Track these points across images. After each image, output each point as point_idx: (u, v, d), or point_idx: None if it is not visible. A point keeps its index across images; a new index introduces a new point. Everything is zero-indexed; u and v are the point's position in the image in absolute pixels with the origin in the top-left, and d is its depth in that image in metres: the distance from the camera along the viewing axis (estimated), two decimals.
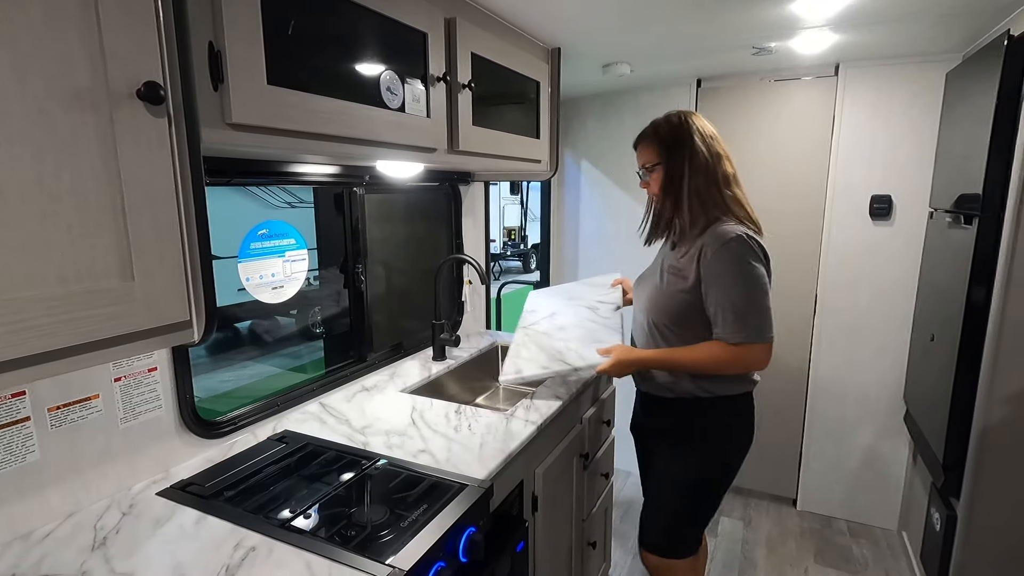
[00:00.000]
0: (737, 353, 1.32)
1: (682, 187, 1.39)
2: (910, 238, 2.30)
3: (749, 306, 1.31)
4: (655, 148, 1.44)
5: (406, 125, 1.25)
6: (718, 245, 1.31)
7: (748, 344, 1.32)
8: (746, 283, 1.31)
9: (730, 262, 1.30)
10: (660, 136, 1.43)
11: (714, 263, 1.32)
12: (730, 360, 1.34)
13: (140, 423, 1.14)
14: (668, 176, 1.41)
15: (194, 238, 0.81)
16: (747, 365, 1.36)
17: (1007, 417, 1.62)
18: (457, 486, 1.11)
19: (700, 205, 1.38)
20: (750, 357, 1.33)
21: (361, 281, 1.73)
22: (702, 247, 1.34)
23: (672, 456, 1.51)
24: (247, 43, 0.88)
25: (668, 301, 1.42)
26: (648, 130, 1.47)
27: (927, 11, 1.64)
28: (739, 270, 1.30)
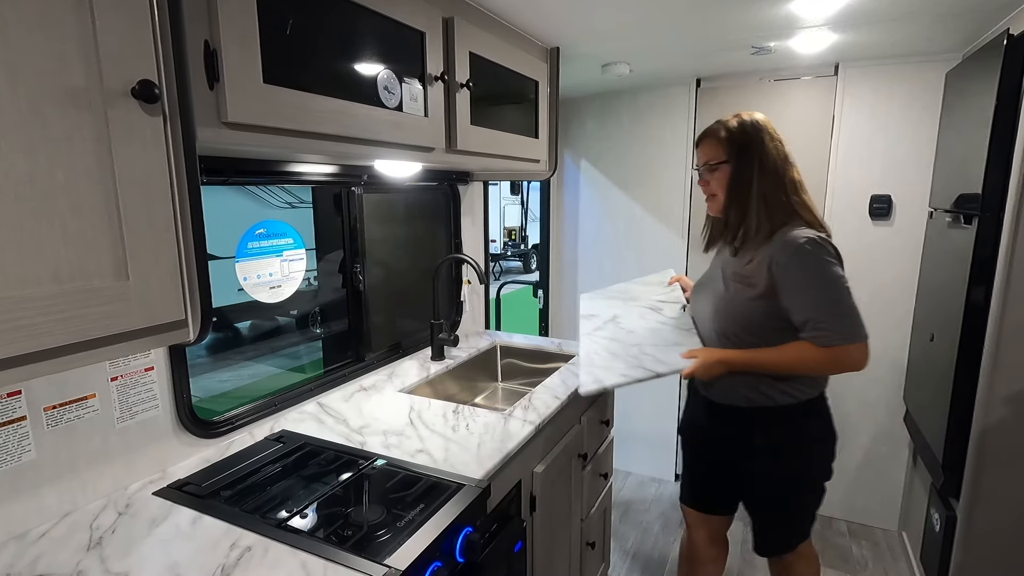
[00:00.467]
0: (835, 355, 1.27)
1: (750, 191, 1.34)
2: (909, 238, 2.30)
3: (839, 307, 1.27)
4: (721, 146, 1.38)
5: (404, 124, 1.25)
6: (791, 251, 1.27)
7: (846, 346, 1.26)
8: (830, 284, 1.27)
9: (809, 266, 1.26)
10: (730, 135, 1.37)
11: (792, 269, 1.27)
12: (826, 361, 1.28)
13: (137, 423, 1.14)
14: (735, 178, 1.36)
15: (190, 237, 0.80)
16: (846, 366, 1.29)
17: (1007, 418, 1.62)
18: (454, 486, 1.11)
19: (766, 210, 1.33)
20: (850, 358, 1.28)
21: (359, 281, 1.73)
22: (771, 254, 1.30)
23: (769, 470, 1.44)
24: (243, 42, 0.88)
25: (739, 309, 1.36)
26: (715, 127, 1.41)
27: (926, 10, 1.64)
28: (820, 272, 1.26)
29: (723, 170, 1.38)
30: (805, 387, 1.39)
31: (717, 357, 1.38)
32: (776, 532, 1.55)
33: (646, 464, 3.02)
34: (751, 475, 1.49)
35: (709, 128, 1.43)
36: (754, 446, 1.44)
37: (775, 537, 1.56)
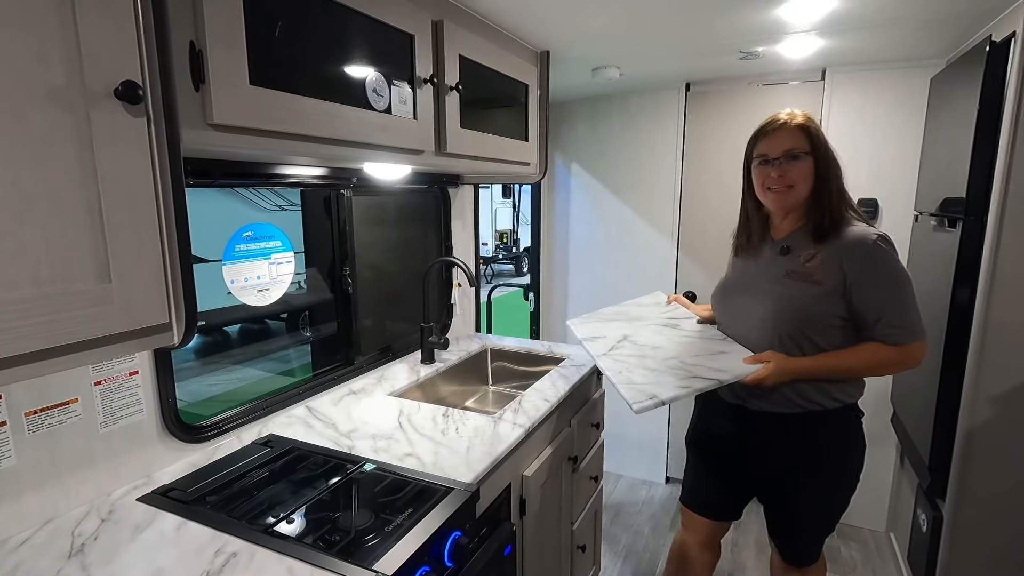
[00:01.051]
0: (905, 353, 1.28)
1: (831, 185, 1.33)
2: (896, 241, 2.28)
3: (912, 304, 1.27)
4: (805, 137, 1.33)
5: (392, 127, 1.25)
6: (867, 248, 1.26)
7: (916, 343, 1.28)
8: (904, 282, 1.27)
9: (887, 263, 1.26)
10: (812, 127, 1.35)
11: (869, 266, 1.26)
12: (897, 360, 1.29)
13: (121, 428, 1.12)
14: (820, 171, 1.33)
15: (174, 240, 0.80)
16: (910, 364, 1.30)
17: (991, 418, 1.64)
18: (443, 490, 1.10)
19: (843, 206, 1.34)
20: (915, 355, 1.29)
21: (348, 284, 1.72)
22: (841, 250, 1.28)
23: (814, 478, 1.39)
24: (229, 43, 0.87)
25: (803, 308, 1.31)
26: (791, 118, 1.36)
27: (910, 17, 1.66)
28: (895, 270, 1.27)
29: (807, 162, 1.33)
30: (854, 390, 1.38)
31: (792, 366, 1.31)
32: (813, 539, 1.52)
33: (637, 467, 3.02)
34: (791, 484, 1.41)
35: (781, 119, 1.36)
36: (796, 453, 1.38)
37: (811, 545, 1.52)
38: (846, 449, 1.39)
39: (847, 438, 1.39)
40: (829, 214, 1.32)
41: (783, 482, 1.44)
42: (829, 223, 1.32)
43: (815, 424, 1.36)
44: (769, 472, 1.45)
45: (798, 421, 1.36)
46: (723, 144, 2.61)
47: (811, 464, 1.39)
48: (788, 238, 1.40)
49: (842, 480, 1.42)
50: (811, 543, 1.53)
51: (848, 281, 1.27)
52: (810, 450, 1.38)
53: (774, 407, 1.37)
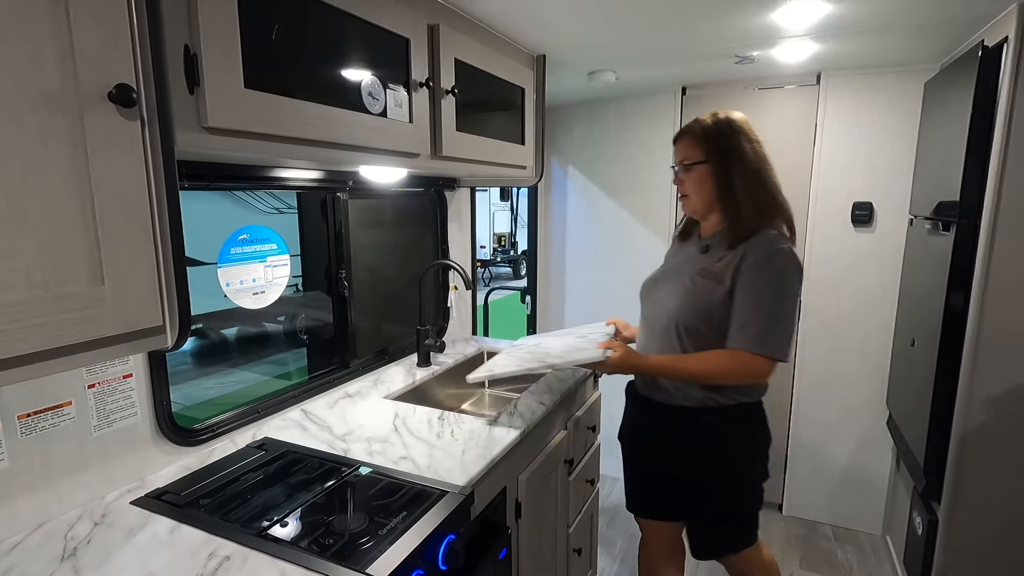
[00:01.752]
0: (747, 363, 1.29)
1: (734, 192, 1.34)
2: (891, 244, 2.33)
3: (778, 322, 1.28)
4: (698, 146, 1.37)
5: (388, 130, 1.25)
6: (764, 253, 1.28)
7: (763, 357, 1.28)
8: (783, 299, 1.28)
9: (772, 273, 1.28)
10: (707, 134, 1.37)
11: (756, 270, 1.28)
12: (736, 370, 1.31)
13: (115, 431, 1.12)
14: (716, 177, 1.36)
15: (168, 242, 0.80)
16: (752, 377, 1.33)
17: (986, 421, 1.64)
18: (437, 493, 1.10)
19: (755, 211, 1.33)
20: (758, 370, 1.30)
21: (344, 287, 1.72)
22: (745, 252, 1.30)
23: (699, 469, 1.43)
24: (224, 46, 0.87)
25: (704, 305, 1.35)
26: (693, 125, 1.41)
27: (904, 22, 1.67)
28: (779, 283, 1.28)
29: (699, 171, 1.38)
30: (752, 391, 1.41)
31: (633, 361, 1.40)
32: (713, 534, 1.54)
33: None
34: (692, 476, 1.47)
35: (687, 126, 1.43)
36: (696, 446, 1.43)
37: (711, 538, 1.55)
38: (741, 446, 1.42)
39: (742, 435, 1.42)
40: (740, 220, 1.33)
41: (682, 474, 1.48)
42: (740, 230, 1.33)
43: (711, 418, 1.39)
44: (669, 465, 1.49)
45: (695, 415, 1.40)
46: None
47: (706, 457, 1.42)
48: (711, 238, 1.42)
49: (735, 477, 1.44)
50: (712, 540, 1.55)
51: (737, 280, 1.30)
52: (704, 444, 1.41)
53: (673, 400, 1.42)
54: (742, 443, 1.43)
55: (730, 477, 1.44)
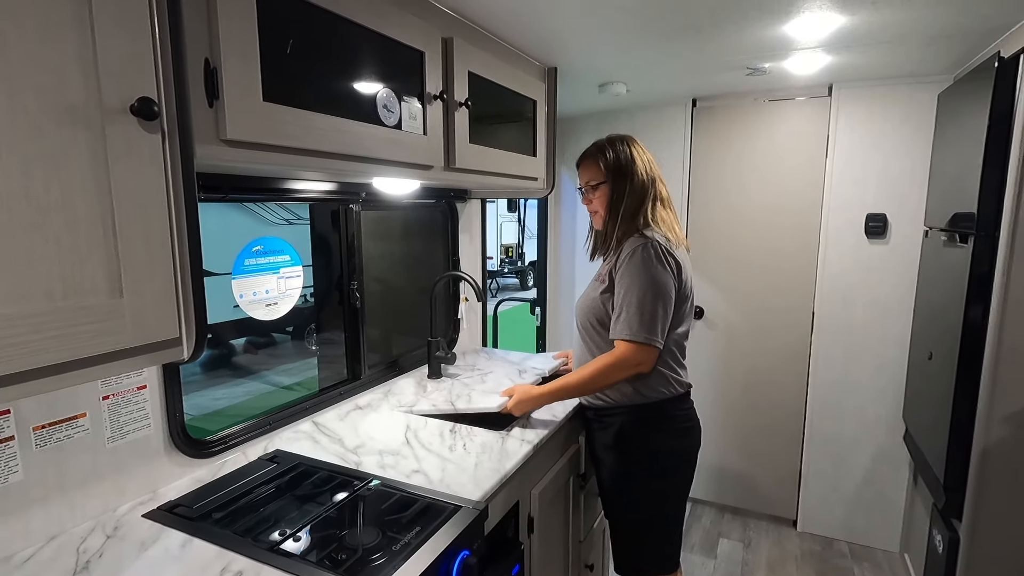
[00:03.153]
0: (621, 354, 1.39)
1: (620, 206, 1.49)
2: (905, 256, 2.31)
3: (642, 306, 1.38)
4: (600, 168, 1.52)
5: (402, 142, 1.25)
6: (628, 250, 1.42)
7: (633, 343, 1.38)
8: (644, 284, 1.39)
9: (635, 264, 1.40)
10: (607, 158, 1.51)
11: (623, 266, 1.42)
12: (614, 364, 1.40)
13: (128, 442, 1.11)
14: (612, 195, 1.50)
15: (186, 255, 0.80)
16: (632, 365, 1.40)
17: (1008, 437, 1.61)
18: (451, 508, 1.08)
19: (630, 221, 1.48)
20: (634, 358, 1.39)
21: (356, 298, 1.71)
22: (619, 253, 1.45)
23: (616, 471, 1.53)
24: (243, 60, 0.88)
25: (592, 304, 1.51)
26: (593, 150, 1.55)
27: (917, 33, 1.67)
28: (641, 272, 1.39)
29: (603, 190, 1.53)
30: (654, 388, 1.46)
31: (531, 394, 1.52)
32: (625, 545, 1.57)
33: None
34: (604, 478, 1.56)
35: (588, 151, 1.57)
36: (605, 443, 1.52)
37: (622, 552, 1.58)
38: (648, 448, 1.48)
39: (649, 436, 1.48)
40: (620, 229, 1.49)
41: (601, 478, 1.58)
42: (616, 236, 1.49)
43: (622, 418, 1.49)
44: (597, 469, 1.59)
45: (609, 415, 1.51)
46: (729, 160, 2.62)
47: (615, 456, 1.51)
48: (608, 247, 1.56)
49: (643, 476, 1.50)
50: (623, 548, 1.58)
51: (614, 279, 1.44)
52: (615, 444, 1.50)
53: (593, 400, 1.55)
54: (644, 444, 1.49)
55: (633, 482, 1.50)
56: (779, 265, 2.57)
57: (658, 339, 1.39)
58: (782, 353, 2.62)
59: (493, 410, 1.55)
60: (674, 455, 1.51)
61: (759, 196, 2.58)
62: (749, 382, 2.70)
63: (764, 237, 2.59)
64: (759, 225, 2.59)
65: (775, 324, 2.62)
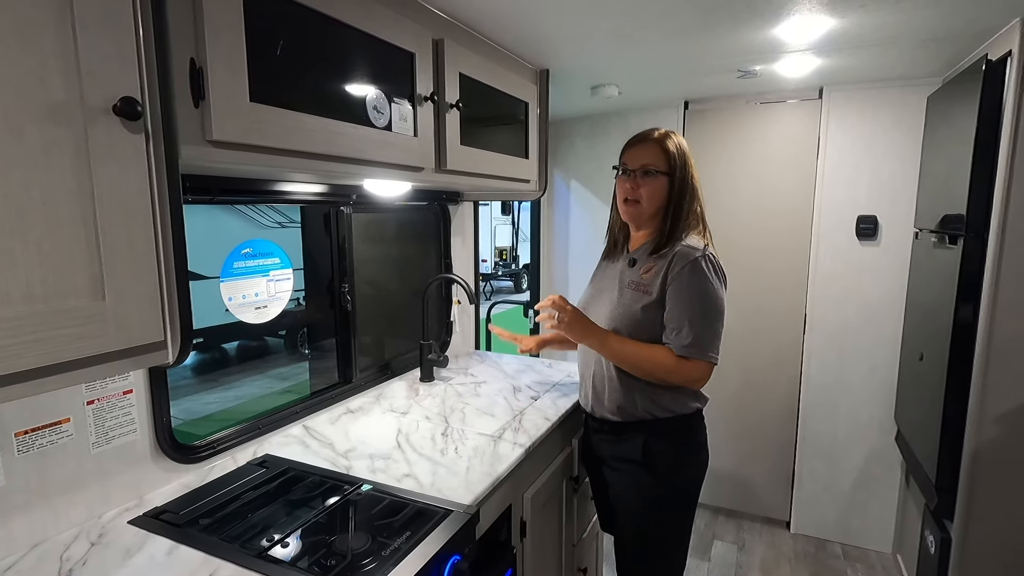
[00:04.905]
0: (680, 365, 1.32)
1: (682, 208, 1.38)
2: (896, 257, 2.32)
3: (704, 324, 1.31)
4: (664, 157, 1.38)
5: (392, 144, 1.25)
6: (687, 260, 1.31)
7: (694, 360, 1.31)
8: (707, 301, 1.31)
9: (699, 277, 1.31)
10: (671, 148, 1.39)
11: (683, 277, 1.31)
12: (672, 369, 1.32)
13: (113, 448, 1.10)
14: (672, 192, 1.38)
15: (170, 257, 0.78)
16: (687, 379, 1.34)
17: (998, 437, 1.62)
18: (442, 512, 1.07)
19: (687, 228, 1.39)
20: (692, 372, 1.33)
21: (347, 301, 1.70)
22: (670, 262, 1.33)
23: (631, 484, 1.43)
24: (230, 60, 0.87)
25: (634, 316, 1.37)
26: (659, 136, 1.41)
27: (907, 36, 1.68)
28: (704, 288, 1.31)
29: (659, 180, 1.38)
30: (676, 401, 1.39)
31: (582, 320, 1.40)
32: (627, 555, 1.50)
33: None
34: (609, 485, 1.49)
35: (649, 134, 1.43)
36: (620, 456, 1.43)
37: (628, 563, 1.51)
38: (674, 462, 1.40)
39: (676, 450, 1.41)
40: (670, 234, 1.37)
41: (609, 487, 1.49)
42: (667, 241, 1.37)
43: (640, 432, 1.40)
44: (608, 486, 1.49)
45: (627, 429, 1.42)
46: (721, 162, 2.62)
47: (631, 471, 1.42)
48: (637, 251, 1.45)
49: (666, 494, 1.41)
50: (640, 564, 1.49)
51: (665, 290, 1.33)
52: (631, 457, 1.41)
53: (610, 414, 1.43)
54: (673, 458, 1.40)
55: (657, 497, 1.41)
56: (771, 267, 2.58)
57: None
58: (775, 355, 2.63)
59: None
60: (697, 468, 1.44)
61: (751, 198, 2.58)
62: (742, 384, 2.70)
63: (756, 239, 2.59)
64: (751, 227, 2.60)
65: (768, 326, 2.63)
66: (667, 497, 1.41)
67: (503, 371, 2.05)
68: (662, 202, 1.39)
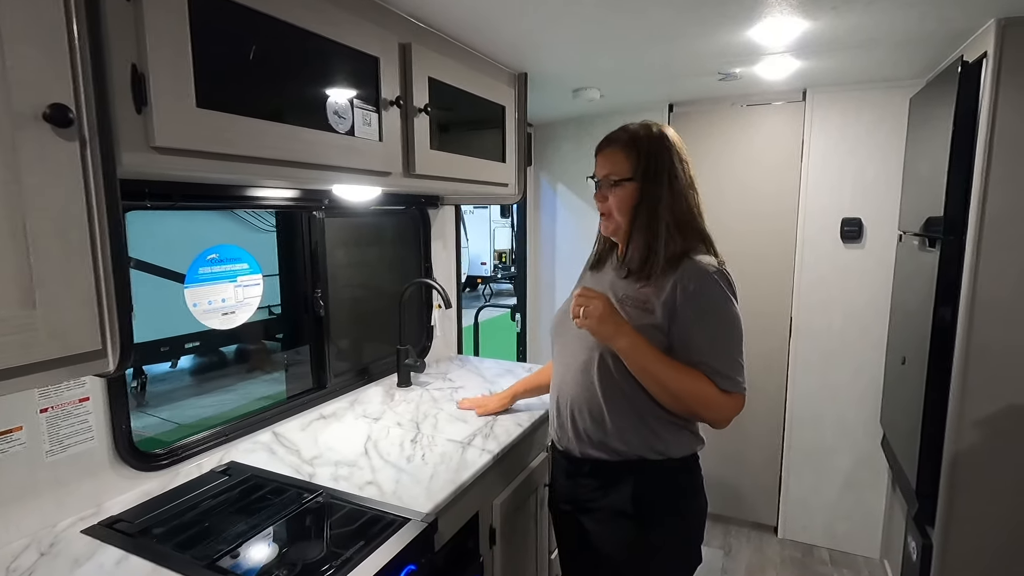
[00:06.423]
0: (723, 400, 1.12)
1: (659, 213, 1.16)
2: (881, 260, 2.30)
3: (739, 352, 1.14)
4: (628, 161, 1.18)
5: (356, 149, 1.24)
6: (701, 279, 1.12)
7: (734, 394, 1.12)
8: (733, 325, 1.14)
9: (718, 300, 1.12)
10: (638, 148, 1.18)
11: (700, 300, 1.12)
12: (712, 403, 1.11)
13: (69, 456, 1.09)
14: (643, 198, 1.17)
15: (109, 264, 0.78)
16: (726, 416, 1.14)
17: (977, 442, 1.60)
18: (399, 521, 1.06)
19: (680, 235, 1.17)
20: (733, 409, 1.13)
21: (320, 307, 1.69)
22: (676, 280, 1.13)
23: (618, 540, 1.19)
24: (174, 66, 0.86)
25: None
26: (622, 135, 1.21)
27: (884, 38, 1.67)
28: (727, 310, 1.13)
29: (627, 188, 1.18)
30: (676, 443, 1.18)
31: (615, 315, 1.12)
32: None
33: None
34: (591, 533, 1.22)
35: (614, 135, 1.23)
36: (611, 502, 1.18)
37: None
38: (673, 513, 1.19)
39: (667, 492, 1.18)
40: (654, 249, 1.16)
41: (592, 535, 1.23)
42: (665, 254, 1.15)
43: (635, 475, 1.17)
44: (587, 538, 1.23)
45: (619, 470, 1.18)
46: (706, 165, 2.61)
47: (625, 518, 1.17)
48: (631, 261, 1.22)
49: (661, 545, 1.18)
50: None
51: (676, 312, 1.12)
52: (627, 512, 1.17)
53: (595, 452, 1.19)
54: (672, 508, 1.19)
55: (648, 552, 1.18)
56: (757, 271, 2.56)
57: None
58: (761, 359, 2.60)
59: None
60: (698, 516, 1.24)
61: (736, 202, 2.57)
62: None
63: (742, 243, 2.57)
64: (736, 231, 2.58)
65: (753, 330, 2.57)
66: (665, 555, 1.19)
67: (482, 376, 2.04)
68: (635, 210, 1.19)
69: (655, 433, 1.16)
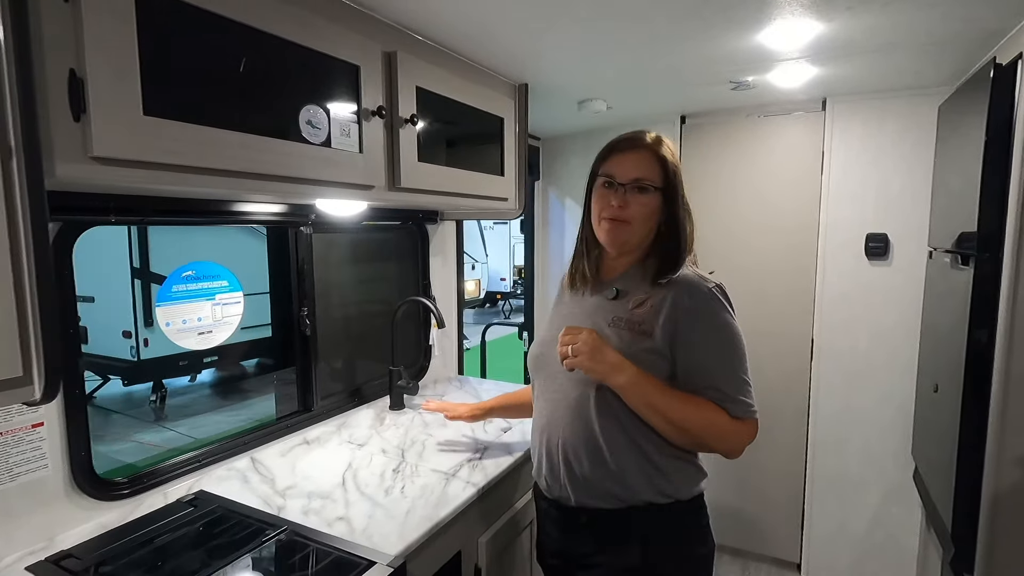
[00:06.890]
0: (737, 428, 1.05)
1: (678, 229, 1.11)
2: (910, 278, 2.15)
3: (745, 371, 1.07)
4: (661, 169, 1.09)
5: (333, 161, 1.17)
6: (700, 296, 1.05)
7: (747, 420, 1.06)
8: (737, 343, 1.07)
9: (720, 317, 1.05)
10: (671, 156, 1.11)
11: (702, 317, 1.05)
12: (726, 434, 1.04)
13: (19, 485, 1.03)
14: (668, 210, 1.11)
15: (33, 286, 0.71)
16: (740, 445, 1.07)
17: (1019, 482, 1.44)
18: (363, 564, 0.97)
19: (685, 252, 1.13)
20: (748, 436, 1.06)
21: (306, 325, 1.63)
22: (674, 298, 1.05)
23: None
24: (117, 71, 0.81)
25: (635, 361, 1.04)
26: (651, 139, 1.12)
27: (906, 41, 1.55)
28: (730, 327, 1.06)
29: (655, 197, 1.09)
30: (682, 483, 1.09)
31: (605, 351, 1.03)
32: None
33: None
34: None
35: (640, 138, 1.13)
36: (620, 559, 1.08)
37: None
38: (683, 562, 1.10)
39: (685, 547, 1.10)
40: (674, 261, 1.10)
41: None
42: (670, 269, 1.09)
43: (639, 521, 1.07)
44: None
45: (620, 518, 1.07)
46: (722, 178, 2.50)
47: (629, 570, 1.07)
48: (620, 279, 1.14)
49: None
50: None
51: (677, 331, 1.04)
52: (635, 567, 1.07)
53: (592, 500, 1.08)
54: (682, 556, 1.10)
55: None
56: (775, 288, 2.42)
57: None
58: (780, 382, 2.46)
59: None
60: (707, 560, 1.14)
61: (753, 216, 2.44)
62: None
63: (759, 259, 2.45)
64: (753, 246, 2.45)
65: (772, 351, 2.46)
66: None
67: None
68: (656, 224, 1.12)
69: (660, 471, 1.06)
